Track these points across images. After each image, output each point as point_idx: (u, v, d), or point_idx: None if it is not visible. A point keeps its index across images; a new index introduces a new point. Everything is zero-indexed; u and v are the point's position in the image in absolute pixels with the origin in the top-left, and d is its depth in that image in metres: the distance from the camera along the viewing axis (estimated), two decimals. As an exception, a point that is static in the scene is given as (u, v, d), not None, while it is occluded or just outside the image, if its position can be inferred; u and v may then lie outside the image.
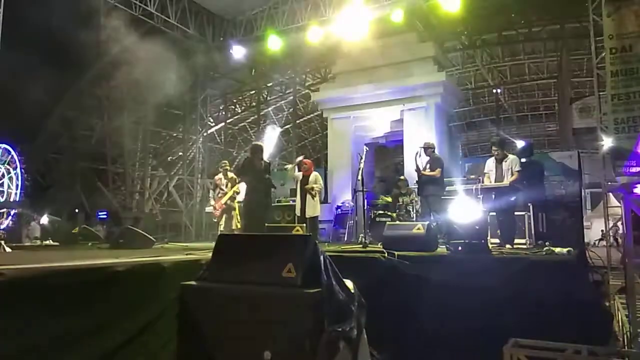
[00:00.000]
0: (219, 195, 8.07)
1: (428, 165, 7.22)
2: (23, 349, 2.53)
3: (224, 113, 17.65)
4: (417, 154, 7.31)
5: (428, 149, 7.30)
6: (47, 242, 7.59)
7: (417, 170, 7.24)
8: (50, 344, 2.66)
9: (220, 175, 8.24)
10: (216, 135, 17.98)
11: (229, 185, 7.96)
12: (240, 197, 8.03)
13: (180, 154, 16.30)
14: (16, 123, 10.58)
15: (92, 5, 10.31)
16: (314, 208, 7.37)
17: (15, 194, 11.95)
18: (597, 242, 11.01)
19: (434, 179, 7.07)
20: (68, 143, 12.90)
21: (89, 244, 7.41)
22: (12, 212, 10.77)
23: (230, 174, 8.18)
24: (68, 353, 2.75)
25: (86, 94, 12.15)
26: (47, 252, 6.17)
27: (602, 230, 9.55)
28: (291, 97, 16.49)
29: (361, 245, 6.07)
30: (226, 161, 8.88)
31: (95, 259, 3.86)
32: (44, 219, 8.60)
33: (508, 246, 6.03)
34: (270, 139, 15.66)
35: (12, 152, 12.22)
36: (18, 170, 12.04)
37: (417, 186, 7.55)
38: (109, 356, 2.95)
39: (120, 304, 3.16)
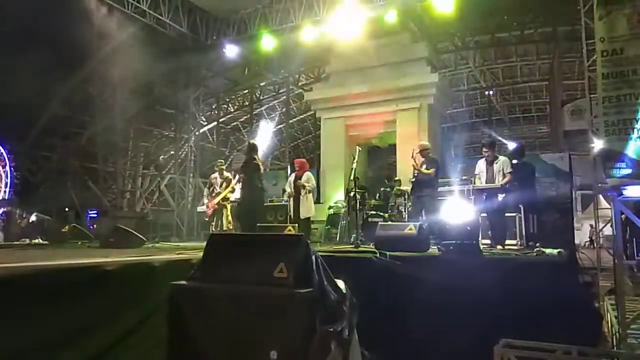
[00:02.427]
0: (213, 194, 8.05)
1: (424, 167, 7.24)
2: (10, 350, 2.50)
3: (216, 112, 17.56)
4: (414, 151, 7.32)
5: (424, 150, 7.31)
6: (37, 240, 7.51)
7: (415, 168, 7.25)
8: (37, 345, 2.64)
9: (216, 175, 8.22)
10: (208, 135, 17.88)
11: (224, 184, 7.94)
12: (234, 196, 8.01)
13: (172, 153, 16.18)
14: (5, 121, 10.46)
15: (84, 2, 10.21)
16: (307, 208, 7.36)
17: (5, 192, 11.82)
18: (586, 244, 11.13)
19: (429, 180, 7.09)
20: (58, 141, 12.78)
21: (79, 242, 7.35)
22: (2, 210, 10.65)
23: (226, 174, 8.16)
24: (56, 354, 2.73)
25: (77, 91, 12.04)
26: (36, 250, 6.10)
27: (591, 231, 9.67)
28: (284, 97, 16.46)
29: (353, 246, 6.08)
30: (222, 160, 8.83)
31: (85, 258, 3.83)
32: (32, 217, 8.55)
33: (499, 247, 6.07)
34: (264, 137, 15.61)
35: (2, 150, 12.07)
36: (7, 168, 11.91)
37: (410, 186, 7.57)
38: (97, 357, 2.93)
39: (110, 304, 3.14)
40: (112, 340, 3.03)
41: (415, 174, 7.24)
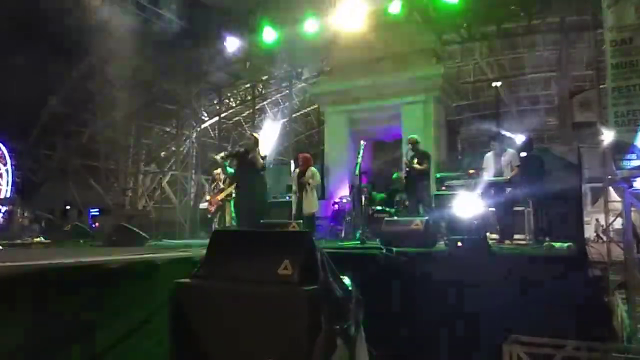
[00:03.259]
0: (216, 191, 8.00)
1: (415, 160, 7.20)
2: (12, 349, 2.49)
3: (218, 107, 17.50)
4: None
5: (414, 144, 7.28)
6: (39, 239, 7.51)
7: (407, 165, 7.24)
8: (40, 344, 2.64)
9: (219, 170, 8.16)
10: (210, 130, 17.83)
11: (227, 181, 7.87)
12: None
13: (174, 149, 16.16)
14: (7, 119, 10.47)
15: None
16: (311, 204, 7.30)
17: (6, 190, 11.85)
18: (595, 238, 11.00)
19: (422, 173, 7.06)
20: (60, 139, 12.79)
21: (81, 241, 7.35)
22: (4, 209, 10.68)
23: (230, 169, 8.09)
24: (58, 352, 2.73)
25: (77, 89, 12.02)
26: (38, 249, 6.10)
27: (601, 226, 9.53)
28: (287, 91, 16.37)
29: (359, 242, 6.03)
30: None
31: (87, 256, 3.82)
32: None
33: (507, 241, 6.02)
34: (268, 133, 15.50)
35: (3, 149, 12.10)
36: (9, 166, 11.94)
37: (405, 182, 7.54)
38: (100, 356, 2.92)
39: (113, 302, 3.14)
40: (115, 338, 3.04)
41: (407, 170, 7.21)
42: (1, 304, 2.48)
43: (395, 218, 7.14)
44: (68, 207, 11.71)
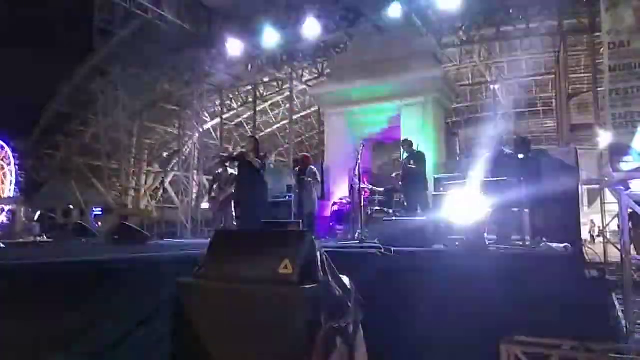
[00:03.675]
0: (217, 191, 8.02)
1: (411, 161, 7.24)
2: (13, 346, 2.52)
3: (219, 108, 17.53)
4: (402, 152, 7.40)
5: (408, 145, 7.33)
6: (41, 237, 7.55)
7: (402, 165, 7.29)
8: (41, 341, 2.65)
9: (220, 170, 8.21)
10: (212, 131, 17.87)
11: (229, 181, 7.91)
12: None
13: (176, 149, 16.20)
14: (10, 119, 10.51)
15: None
16: (311, 204, 7.35)
17: (10, 190, 11.88)
18: (590, 239, 11.03)
19: (417, 174, 7.10)
20: (62, 139, 12.82)
21: (84, 239, 7.38)
22: (7, 208, 10.72)
23: (231, 170, 8.13)
24: (59, 350, 2.74)
25: (81, 89, 12.05)
26: (40, 248, 6.13)
27: (597, 227, 9.57)
28: (288, 93, 16.41)
29: (358, 241, 6.06)
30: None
31: (89, 254, 3.83)
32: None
33: (505, 242, 6.02)
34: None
35: (6, 148, 12.14)
36: (12, 166, 11.97)
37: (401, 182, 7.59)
38: (101, 354, 2.93)
39: (114, 300, 3.15)
40: (115, 337, 3.04)
41: (403, 170, 7.25)
42: (2, 300, 2.51)
43: (394, 218, 7.17)
44: (70, 206, 11.73)
